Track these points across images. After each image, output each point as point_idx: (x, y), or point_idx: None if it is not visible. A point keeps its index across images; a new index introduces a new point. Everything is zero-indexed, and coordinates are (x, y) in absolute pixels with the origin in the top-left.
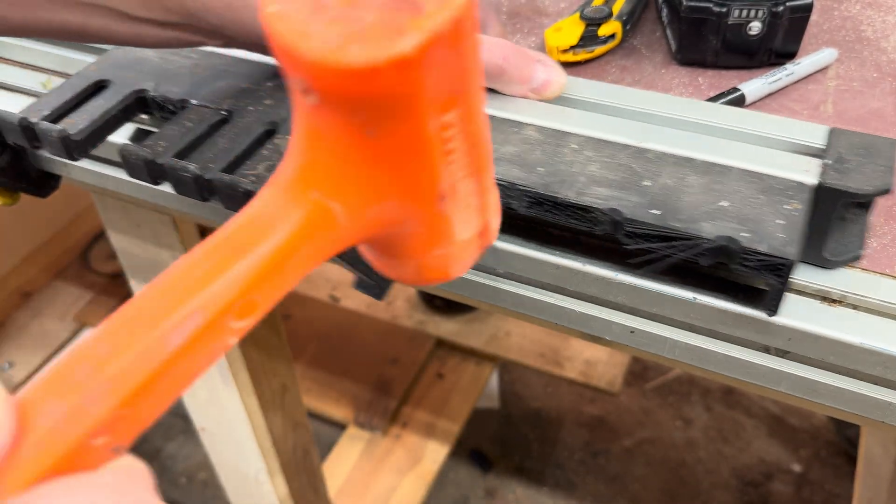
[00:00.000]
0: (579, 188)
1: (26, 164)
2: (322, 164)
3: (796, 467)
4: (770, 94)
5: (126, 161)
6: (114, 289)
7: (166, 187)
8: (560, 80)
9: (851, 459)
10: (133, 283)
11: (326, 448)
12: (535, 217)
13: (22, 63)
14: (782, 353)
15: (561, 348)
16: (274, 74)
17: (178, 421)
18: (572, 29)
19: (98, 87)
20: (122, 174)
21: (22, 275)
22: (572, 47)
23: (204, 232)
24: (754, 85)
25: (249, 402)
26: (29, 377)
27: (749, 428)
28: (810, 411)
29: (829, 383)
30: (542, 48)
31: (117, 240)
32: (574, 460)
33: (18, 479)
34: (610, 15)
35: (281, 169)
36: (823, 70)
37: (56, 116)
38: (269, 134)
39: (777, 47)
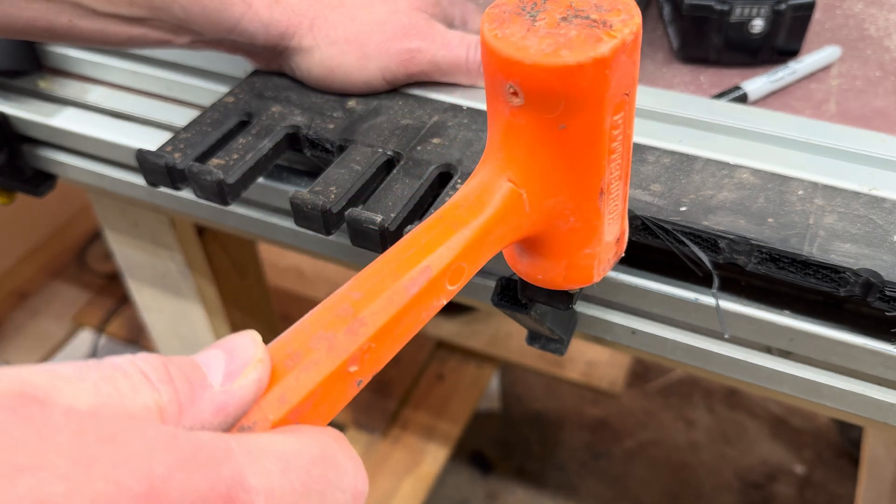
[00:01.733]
0: (821, 244)
1: (21, 162)
2: (518, 158)
3: (799, 469)
4: (773, 93)
5: (298, 209)
6: (111, 289)
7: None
8: None
9: (854, 461)
10: (130, 283)
11: None
12: (762, 274)
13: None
14: (784, 354)
15: None
16: (435, 110)
17: None
18: None
19: (241, 125)
20: (118, 173)
21: (19, 275)
22: None
23: (201, 231)
24: (757, 83)
25: None
26: None
27: (751, 429)
28: (813, 412)
29: (831, 384)
30: None
31: (114, 239)
32: (575, 462)
33: (285, 399)
34: None
35: (482, 162)
36: (826, 68)
37: (201, 156)
38: (444, 177)
39: (779, 45)
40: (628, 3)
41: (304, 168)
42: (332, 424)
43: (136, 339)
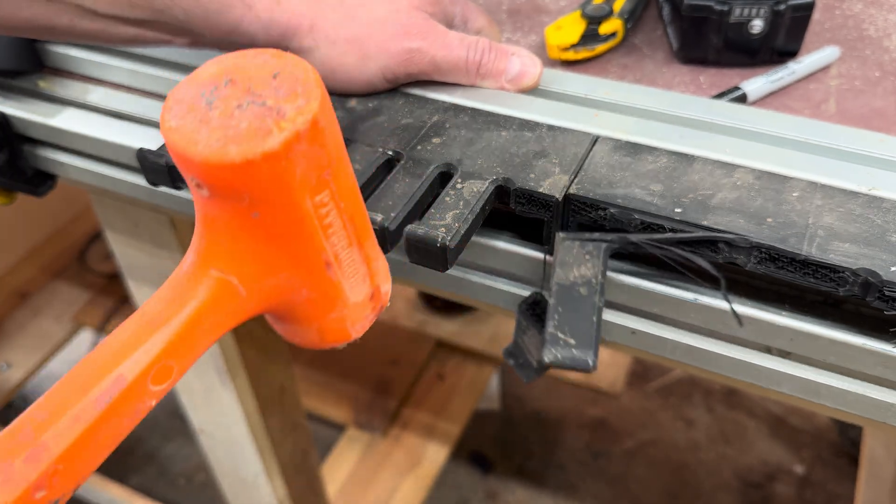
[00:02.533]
0: (820, 243)
1: (23, 163)
2: (219, 246)
3: (798, 468)
4: (772, 93)
5: None
6: (112, 289)
7: (165, 187)
8: (534, 70)
9: (854, 460)
10: (130, 283)
11: (326, 449)
12: (760, 274)
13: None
14: (784, 354)
15: None
16: (435, 110)
17: (176, 422)
18: (573, 27)
19: None
20: (118, 174)
21: (19, 275)
22: (573, 45)
23: None
24: (756, 84)
25: (248, 404)
26: (26, 377)
27: (751, 429)
28: (812, 412)
29: (831, 384)
30: (542, 46)
31: (114, 240)
32: (575, 462)
33: None
34: (611, 13)
35: (189, 250)
36: (825, 69)
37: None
38: (445, 176)
39: (779, 46)
40: (308, 85)
41: None
42: (332, 425)
43: None
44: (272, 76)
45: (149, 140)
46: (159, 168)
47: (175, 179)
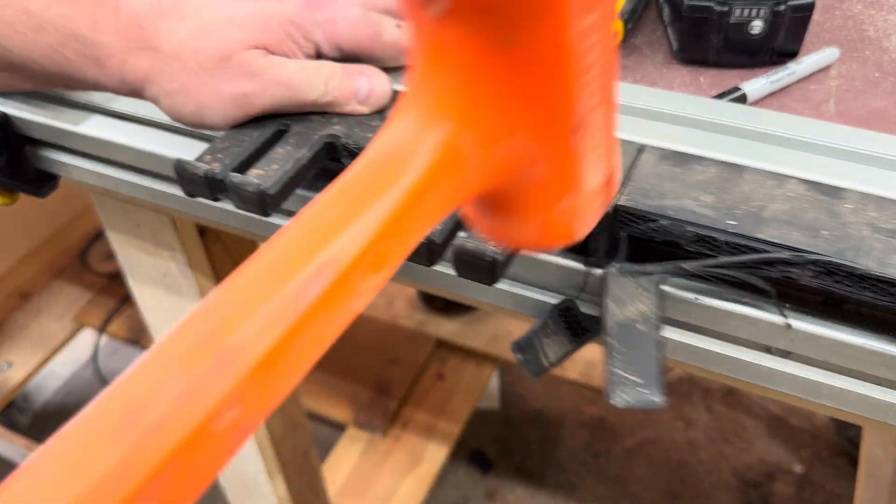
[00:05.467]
0: (878, 257)
1: (24, 163)
2: (451, 90)
3: (797, 468)
4: (772, 94)
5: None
6: (113, 289)
7: (167, 187)
8: (384, 87)
9: (853, 460)
10: (131, 283)
11: (326, 449)
12: (818, 288)
13: None
14: (784, 354)
15: None
16: None
17: None
18: None
19: (278, 133)
20: (120, 174)
21: (20, 275)
22: None
23: (203, 231)
24: (756, 84)
25: None
26: (28, 377)
27: (750, 428)
28: (811, 412)
29: (831, 384)
30: None
31: (116, 239)
32: (575, 461)
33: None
34: None
35: (404, 101)
36: (825, 69)
37: (240, 167)
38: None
39: (779, 46)
40: None
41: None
42: (333, 425)
43: (138, 338)
44: None
45: (150, 140)
46: (198, 179)
47: (214, 190)
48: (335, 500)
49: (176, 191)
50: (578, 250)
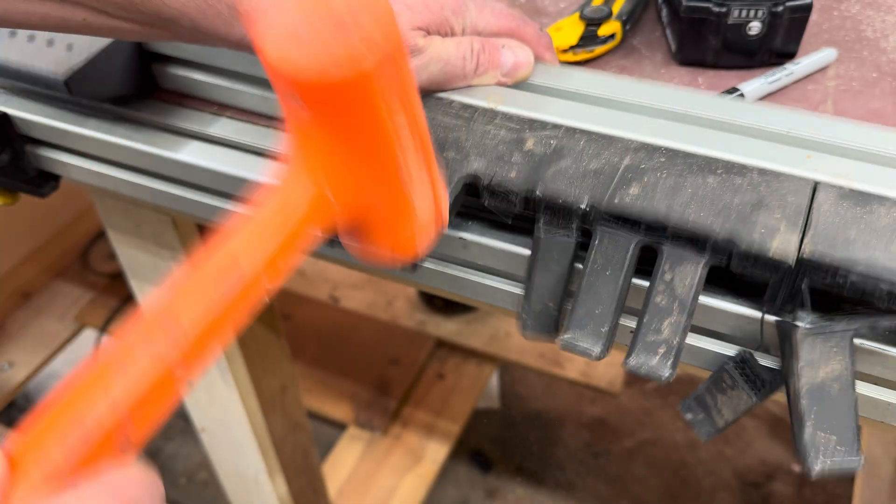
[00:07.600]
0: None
1: (25, 163)
2: (317, 162)
3: (797, 468)
4: (769, 94)
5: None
6: (114, 289)
7: (167, 187)
8: (527, 59)
9: None
10: (133, 283)
11: (326, 448)
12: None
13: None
14: None
15: None
16: (625, 150)
17: (178, 421)
18: (572, 29)
19: None
20: (121, 174)
21: (22, 275)
22: (572, 47)
23: (203, 231)
24: (754, 85)
25: (249, 403)
26: (29, 377)
27: (750, 428)
28: None
29: None
30: None
31: (117, 240)
32: (575, 461)
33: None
34: (610, 15)
35: (288, 167)
36: (823, 70)
37: None
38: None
39: (776, 47)
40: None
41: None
42: (333, 424)
43: None
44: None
45: (150, 140)
46: None
47: None
48: (335, 499)
49: (176, 191)
50: (751, 297)
